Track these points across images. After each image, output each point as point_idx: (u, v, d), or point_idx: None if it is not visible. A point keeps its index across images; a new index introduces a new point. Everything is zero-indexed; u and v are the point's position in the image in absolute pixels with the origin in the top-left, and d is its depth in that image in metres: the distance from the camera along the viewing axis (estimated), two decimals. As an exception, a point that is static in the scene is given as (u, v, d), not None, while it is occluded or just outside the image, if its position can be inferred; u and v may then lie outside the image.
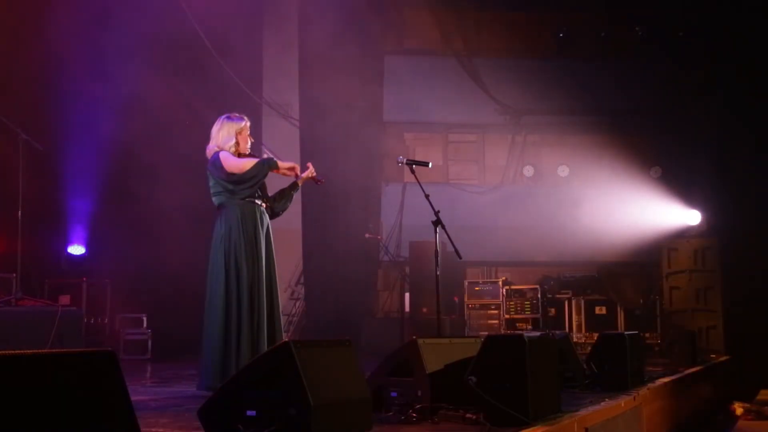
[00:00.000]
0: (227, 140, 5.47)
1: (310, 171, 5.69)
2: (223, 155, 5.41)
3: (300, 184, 5.79)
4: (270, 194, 5.69)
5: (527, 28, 13.31)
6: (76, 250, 9.82)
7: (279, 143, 11.87)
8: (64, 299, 8.75)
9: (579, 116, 13.03)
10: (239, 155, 5.52)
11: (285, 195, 5.75)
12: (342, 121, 11.74)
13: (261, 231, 5.45)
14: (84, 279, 9.37)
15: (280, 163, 5.54)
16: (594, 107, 12.97)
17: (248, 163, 5.42)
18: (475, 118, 13.42)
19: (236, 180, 5.37)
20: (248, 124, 5.63)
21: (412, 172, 6.04)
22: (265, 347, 5.16)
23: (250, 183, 5.40)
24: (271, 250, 5.53)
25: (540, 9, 13.13)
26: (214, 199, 5.50)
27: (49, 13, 9.02)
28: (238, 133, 5.51)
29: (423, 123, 13.63)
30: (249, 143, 5.61)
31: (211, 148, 5.50)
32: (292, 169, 5.62)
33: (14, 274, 7.58)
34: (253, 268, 5.35)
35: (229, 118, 5.57)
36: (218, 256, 5.36)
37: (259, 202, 5.51)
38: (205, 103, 10.46)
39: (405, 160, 6.15)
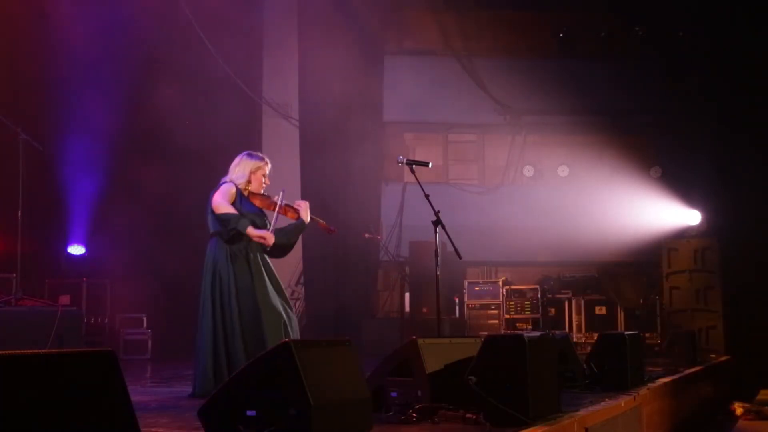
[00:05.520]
0: (240, 177, 5.46)
1: (306, 211, 5.59)
2: (223, 188, 5.40)
3: (305, 222, 5.61)
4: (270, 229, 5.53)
5: (527, 28, 13.30)
6: (76, 250, 9.82)
7: (279, 143, 11.87)
8: (64, 299, 8.75)
9: (579, 116, 13.01)
10: (249, 194, 5.49)
11: (283, 232, 5.60)
12: (342, 121, 11.73)
13: (250, 257, 5.40)
14: (84, 279, 9.38)
15: (249, 230, 5.35)
16: (594, 107, 12.95)
17: (225, 209, 5.34)
18: (475, 118, 13.41)
19: (213, 215, 5.35)
20: (268, 166, 5.56)
21: (412, 172, 6.03)
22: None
23: (222, 227, 5.31)
24: (260, 271, 5.45)
25: (540, 9, 13.11)
26: (209, 224, 5.45)
27: (48, 13, 9.02)
28: (253, 172, 5.47)
29: (423, 123, 13.61)
30: (264, 185, 5.53)
31: (224, 179, 5.50)
32: (261, 238, 5.40)
33: (14, 274, 7.58)
34: (242, 295, 5.35)
35: (249, 155, 5.55)
36: (206, 278, 5.38)
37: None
38: (205, 103, 10.48)
39: (405, 160, 6.14)
